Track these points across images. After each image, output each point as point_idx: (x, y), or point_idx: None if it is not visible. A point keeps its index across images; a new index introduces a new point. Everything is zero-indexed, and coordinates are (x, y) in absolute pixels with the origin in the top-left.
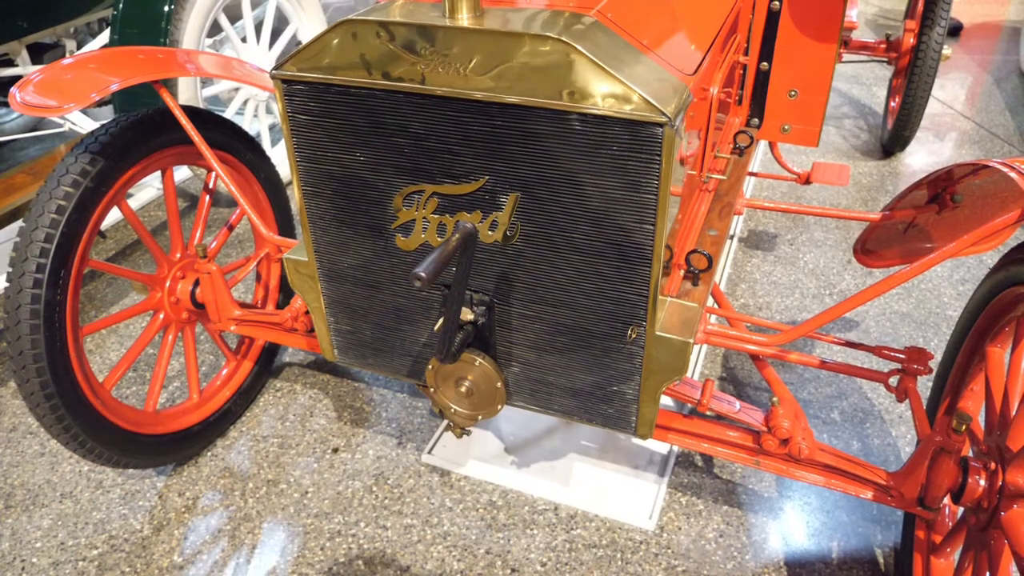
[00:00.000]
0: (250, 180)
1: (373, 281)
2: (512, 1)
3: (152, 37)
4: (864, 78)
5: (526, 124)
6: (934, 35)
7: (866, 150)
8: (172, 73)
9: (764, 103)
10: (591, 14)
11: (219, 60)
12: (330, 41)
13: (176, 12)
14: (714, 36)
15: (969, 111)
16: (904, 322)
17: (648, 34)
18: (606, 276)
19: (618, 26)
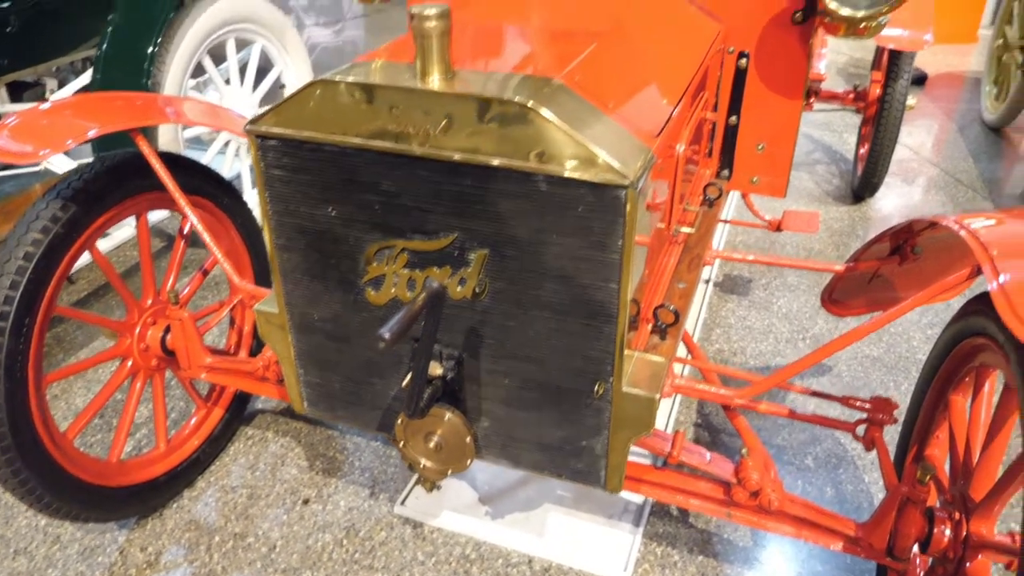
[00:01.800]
0: (226, 225)
1: (343, 334)
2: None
3: (135, 78)
4: (835, 125)
5: (495, 184)
6: (899, 87)
7: (837, 195)
8: (150, 121)
9: (733, 156)
10: (558, 77)
11: (198, 106)
12: (305, 99)
13: (160, 54)
14: (681, 94)
15: (935, 157)
16: (875, 366)
17: (614, 95)
18: (573, 332)
19: (585, 88)
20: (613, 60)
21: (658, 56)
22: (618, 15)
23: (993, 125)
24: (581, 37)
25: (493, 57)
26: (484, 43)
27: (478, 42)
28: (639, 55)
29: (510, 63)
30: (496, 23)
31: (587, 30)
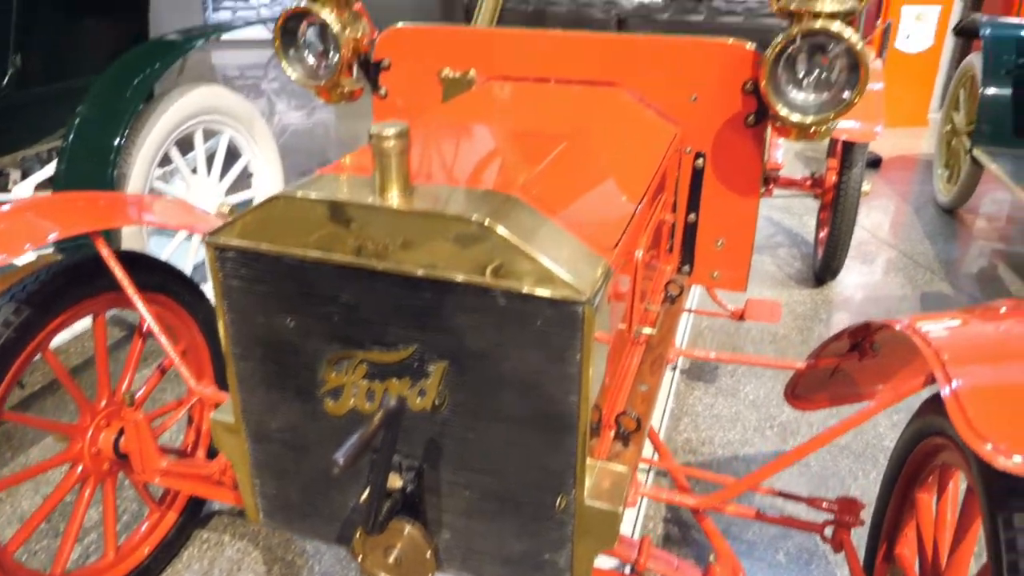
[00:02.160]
0: (187, 322)
1: (301, 445)
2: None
3: (100, 170)
4: (795, 208)
5: (453, 298)
6: (853, 175)
7: (800, 279)
8: (111, 224)
9: (693, 252)
10: (515, 192)
11: (163, 206)
12: (266, 212)
13: (126, 147)
14: (640, 199)
15: (893, 239)
16: (843, 454)
17: (573, 206)
18: (533, 445)
19: (542, 201)
20: (572, 168)
21: (618, 161)
22: (578, 120)
23: (946, 207)
24: (542, 144)
25: (454, 166)
26: (446, 150)
27: (441, 148)
28: (599, 161)
29: (470, 175)
30: (459, 127)
31: (548, 135)
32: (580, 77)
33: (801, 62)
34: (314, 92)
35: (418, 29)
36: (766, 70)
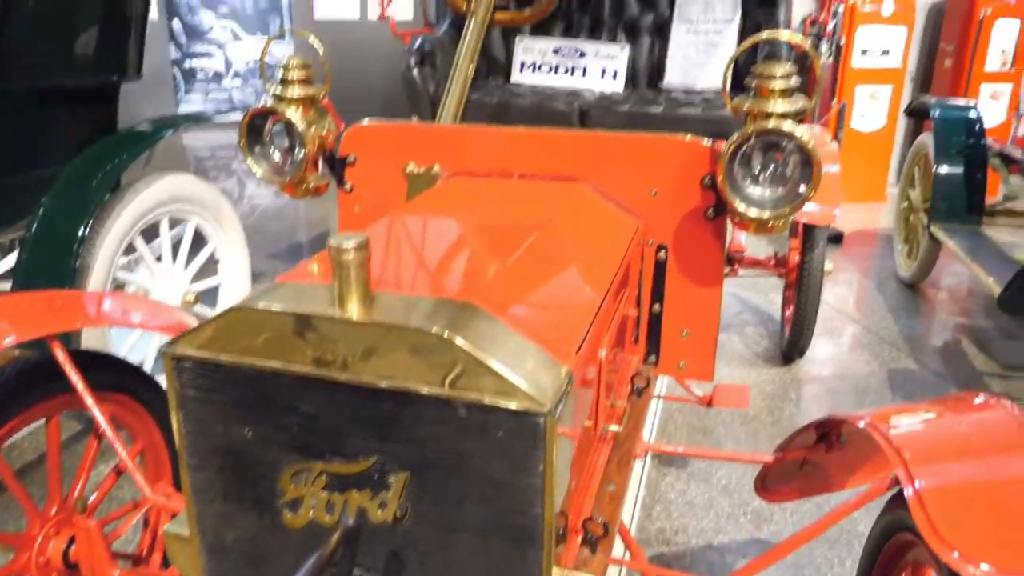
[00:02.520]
0: (146, 421)
1: (258, 558)
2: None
3: (63, 260)
4: (760, 286)
5: (414, 409)
6: (815, 256)
7: (767, 357)
8: (69, 327)
9: (659, 342)
10: (475, 298)
11: (123, 304)
12: (224, 323)
13: (91, 237)
14: (603, 296)
15: (858, 315)
16: (817, 542)
17: (533, 311)
18: (497, 556)
19: (503, 307)
20: (535, 267)
21: (581, 257)
22: (542, 215)
23: (908, 282)
24: (505, 242)
25: (416, 271)
26: (409, 252)
27: (403, 250)
28: (562, 258)
29: (431, 280)
30: (422, 227)
31: (512, 232)
32: (543, 172)
33: (756, 158)
34: (279, 188)
35: (383, 126)
36: (723, 166)
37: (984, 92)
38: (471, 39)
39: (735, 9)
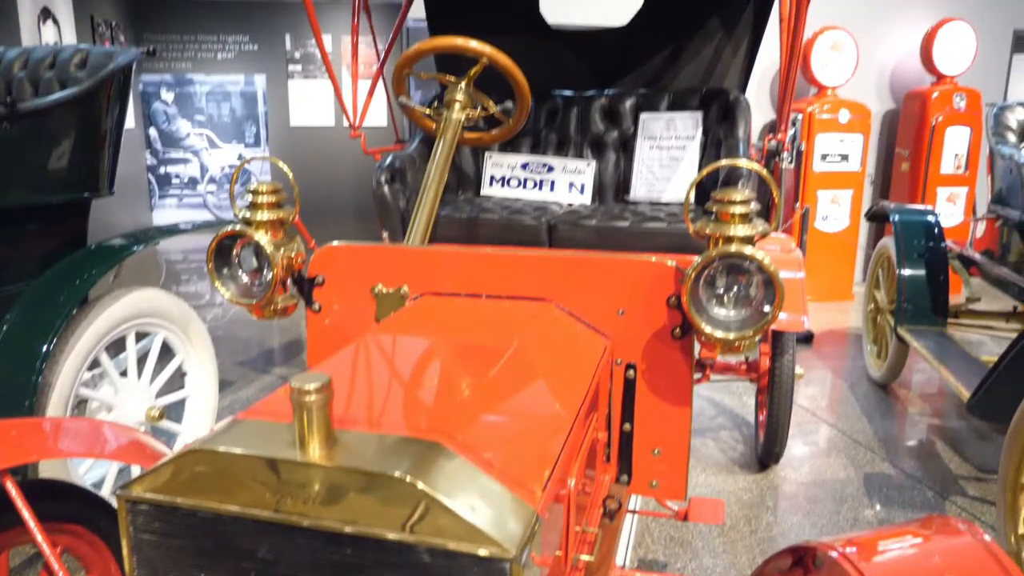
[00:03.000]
0: (103, 554)
1: None
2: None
3: (25, 377)
4: (734, 388)
5: (376, 555)
6: (785, 361)
7: (743, 463)
8: (23, 460)
9: (631, 461)
10: (440, 436)
11: (83, 432)
12: (180, 465)
13: (54, 354)
14: (572, 423)
15: (831, 418)
16: None
17: (500, 448)
18: None
19: (469, 446)
20: (502, 396)
21: (550, 381)
22: (510, 337)
23: (879, 382)
24: (473, 368)
25: (383, 405)
26: (375, 382)
27: (369, 381)
28: (530, 384)
29: (396, 416)
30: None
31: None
32: (511, 293)
33: (720, 280)
34: (247, 310)
35: (352, 248)
36: (687, 288)
37: (941, 195)
38: (440, 159)
39: (696, 127)
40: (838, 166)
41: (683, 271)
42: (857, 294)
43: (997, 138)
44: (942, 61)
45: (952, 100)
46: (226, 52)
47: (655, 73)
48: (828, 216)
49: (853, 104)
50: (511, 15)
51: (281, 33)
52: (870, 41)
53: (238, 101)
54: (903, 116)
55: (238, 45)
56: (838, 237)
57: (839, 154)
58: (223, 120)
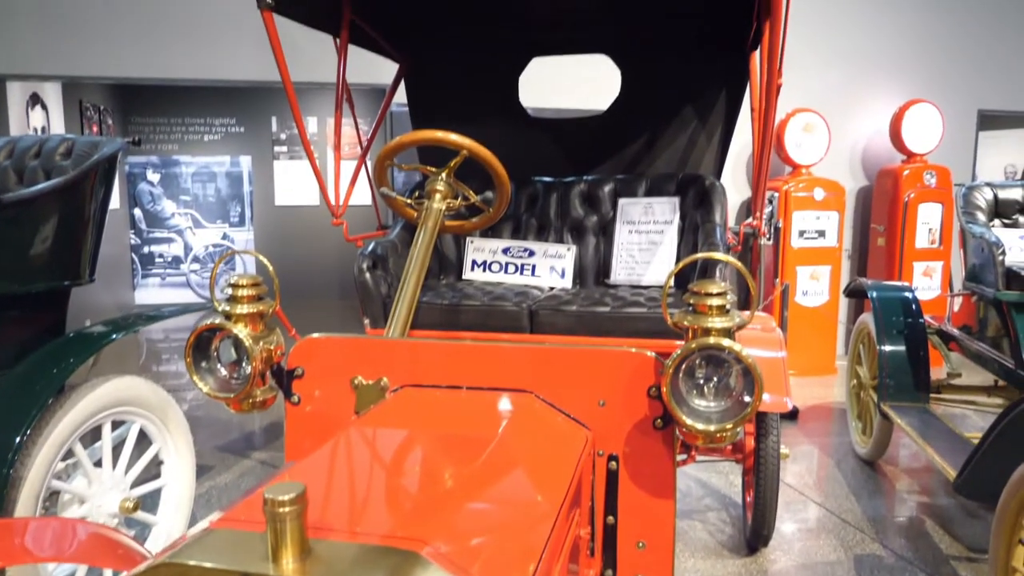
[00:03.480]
0: None
1: None
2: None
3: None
4: (721, 467)
5: None
6: (770, 443)
7: (732, 546)
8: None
9: (615, 555)
10: (420, 548)
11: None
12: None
13: (27, 445)
14: (552, 524)
15: (820, 496)
16: None
17: (480, 555)
18: None
19: (448, 556)
20: (483, 495)
21: (531, 476)
22: (491, 429)
23: (866, 459)
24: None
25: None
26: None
27: (347, 482)
28: (511, 480)
29: (374, 520)
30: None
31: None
32: (491, 384)
33: (699, 371)
34: (225, 404)
35: (332, 340)
36: (667, 380)
37: (917, 269)
38: (421, 249)
39: (674, 211)
40: (815, 242)
41: (663, 361)
42: (840, 367)
43: (967, 217)
44: (911, 140)
45: (923, 177)
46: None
47: (632, 159)
48: (808, 291)
49: (827, 182)
50: (491, 103)
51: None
52: (841, 122)
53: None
54: (876, 193)
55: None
56: (819, 312)
57: (816, 230)
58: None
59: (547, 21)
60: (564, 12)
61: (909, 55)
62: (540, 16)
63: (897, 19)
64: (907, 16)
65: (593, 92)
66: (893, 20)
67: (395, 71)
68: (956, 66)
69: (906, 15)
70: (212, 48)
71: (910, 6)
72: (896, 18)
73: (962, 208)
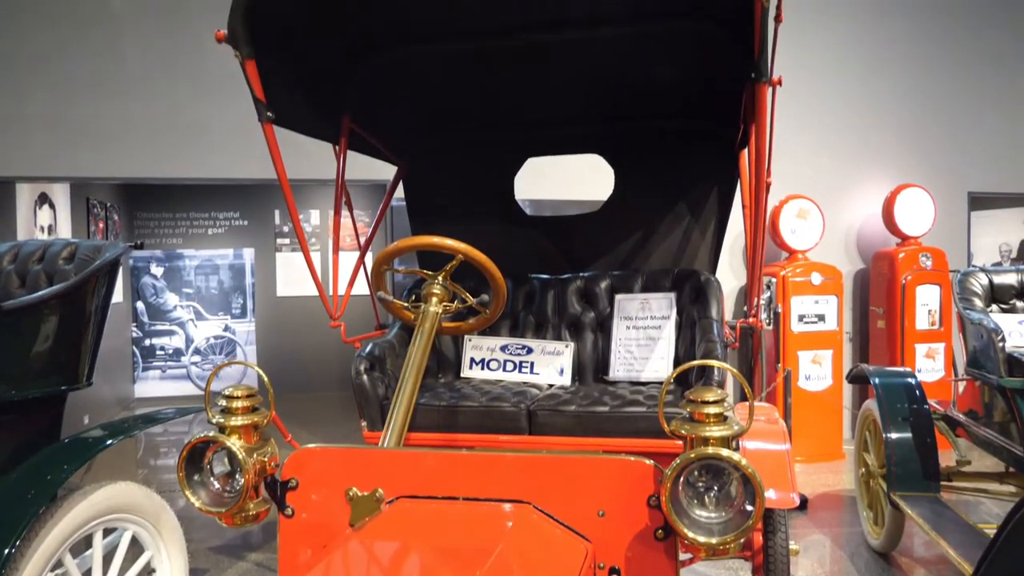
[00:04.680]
0: None
1: None
2: None
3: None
4: (730, 562)
5: None
6: (778, 539)
7: None
8: None
9: None
10: None
11: None
12: None
13: (15, 557)
14: None
15: None
16: None
17: None
18: None
19: None
20: None
21: None
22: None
23: (879, 551)
24: None
25: None
26: None
27: None
28: None
29: None
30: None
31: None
32: (488, 494)
33: (699, 480)
34: (217, 519)
35: (326, 450)
36: (667, 490)
37: (919, 351)
38: (418, 353)
39: (670, 307)
40: (816, 326)
41: (662, 470)
42: (848, 452)
43: (965, 303)
44: (904, 223)
45: (918, 259)
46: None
47: (628, 255)
48: (811, 376)
49: (824, 266)
50: (488, 203)
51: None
52: (834, 207)
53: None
54: (873, 275)
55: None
56: (823, 396)
57: (815, 314)
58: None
59: (540, 123)
60: (557, 114)
61: (897, 141)
62: (534, 119)
63: (884, 106)
64: (893, 103)
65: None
66: (880, 107)
67: (394, 169)
68: (944, 151)
69: (892, 102)
70: (220, 151)
71: (896, 94)
72: (883, 105)
73: (959, 295)
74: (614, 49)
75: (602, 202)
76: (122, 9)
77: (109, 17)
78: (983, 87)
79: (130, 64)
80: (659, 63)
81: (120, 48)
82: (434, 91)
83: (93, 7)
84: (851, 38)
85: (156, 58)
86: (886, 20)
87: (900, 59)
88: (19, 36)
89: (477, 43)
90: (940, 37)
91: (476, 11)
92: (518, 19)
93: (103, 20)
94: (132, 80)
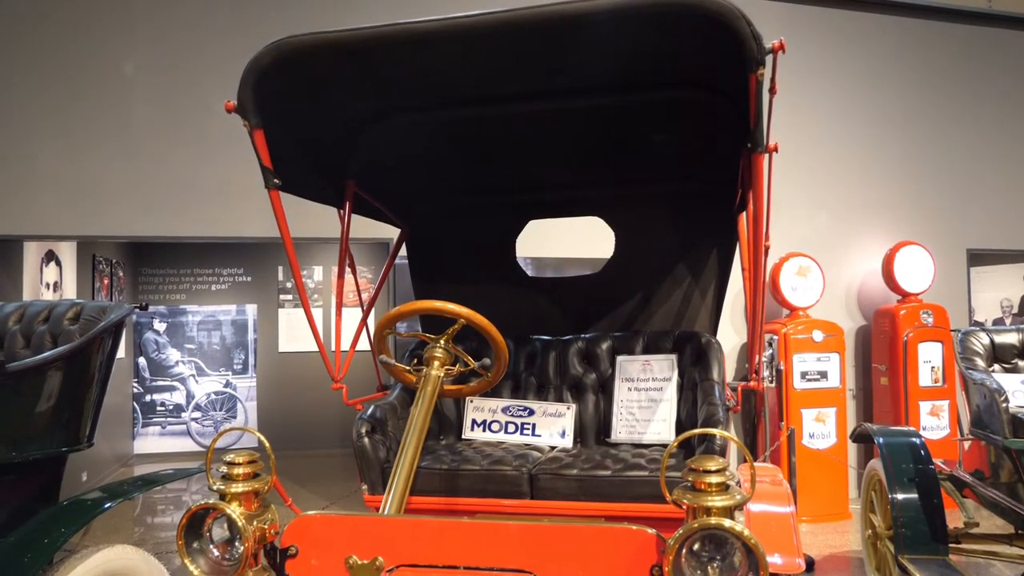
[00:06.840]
0: None
1: None
2: None
3: None
4: None
5: None
6: None
7: None
8: None
9: None
10: None
11: None
12: None
13: None
14: None
15: None
16: None
17: None
18: None
19: None
20: None
21: None
22: None
23: None
24: None
25: None
26: None
27: None
28: None
29: None
30: None
31: None
32: (489, 564)
33: (702, 550)
34: None
35: (326, 518)
36: (670, 561)
37: (923, 408)
38: (419, 416)
39: (672, 369)
40: (818, 384)
41: (665, 540)
42: (854, 511)
43: (967, 363)
44: (904, 280)
45: (919, 316)
46: (220, 284)
47: (629, 317)
48: (815, 434)
49: (825, 323)
50: (490, 265)
51: (274, 265)
52: (833, 264)
53: (228, 329)
54: (875, 333)
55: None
56: (827, 454)
57: (818, 372)
58: (212, 347)
59: (540, 186)
60: (556, 177)
61: (895, 199)
62: (534, 182)
63: (881, 165)
64: (891, 162)
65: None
66: (878, 166)
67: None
68: (941, 208)
69: (890, 161)
70: (225, 211)
71: (893, 153)
72: (880, 164)
73: (961, 354)
74: (611, 116)
75: (604, 260)
76: (131, 71)
77: (119, 79)
78: (979, 146)
79: (137, 125)
80: (657, 130)
81: (128, 109)
82: (435, 158)
83: (101, 68)
84: (849, 101)
85: (163, 119)
86: (884, 83)
87: (897, 119)
88: (29, 96)
89: (474, 112)
90: (935, 99)
91: (471, 83)
92: (516, 89)
93: (112, 82)
94: (139, 140)
